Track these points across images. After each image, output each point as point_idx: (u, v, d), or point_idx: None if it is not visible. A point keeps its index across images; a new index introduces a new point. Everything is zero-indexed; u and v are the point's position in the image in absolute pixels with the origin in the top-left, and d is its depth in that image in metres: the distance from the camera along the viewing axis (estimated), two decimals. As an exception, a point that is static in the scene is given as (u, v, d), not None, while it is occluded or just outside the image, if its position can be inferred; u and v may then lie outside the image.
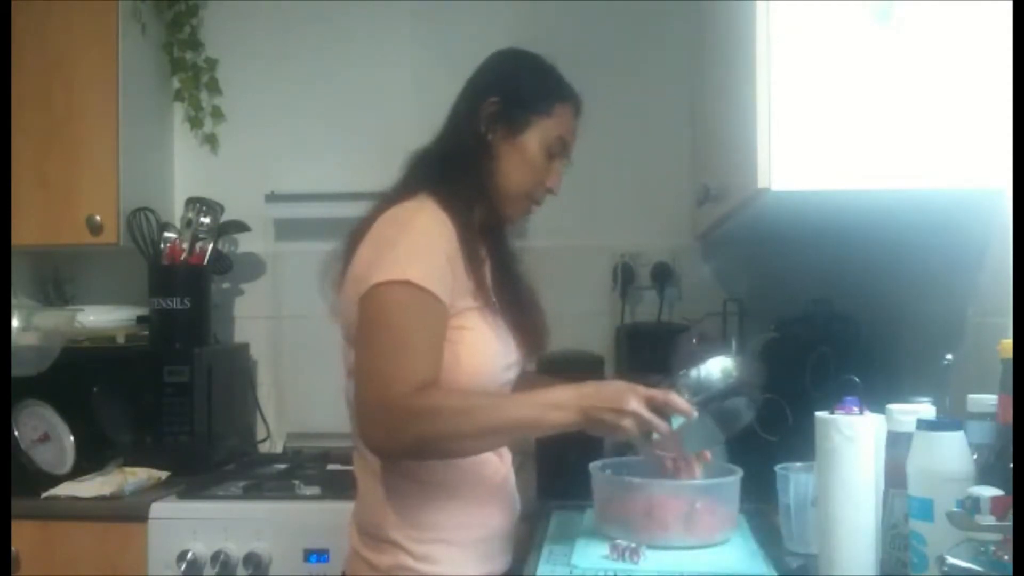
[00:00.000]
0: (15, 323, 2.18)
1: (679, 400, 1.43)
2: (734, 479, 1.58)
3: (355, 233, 1.51)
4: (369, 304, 1.41)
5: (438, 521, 1.48)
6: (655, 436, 1.42)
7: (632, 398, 1.40)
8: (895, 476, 1.25)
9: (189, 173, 2.75)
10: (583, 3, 2.61)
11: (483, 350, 1.49)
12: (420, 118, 1.62)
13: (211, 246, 2.54)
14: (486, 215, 1.58)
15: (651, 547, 1.48)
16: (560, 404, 1.41)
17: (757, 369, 1.53)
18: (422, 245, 1.43)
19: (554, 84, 1.62)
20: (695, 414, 1.44)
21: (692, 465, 1.56)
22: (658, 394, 1.42)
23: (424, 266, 1.41)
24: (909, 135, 1.38)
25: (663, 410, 1.41)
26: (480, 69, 1.64)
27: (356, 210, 1.56)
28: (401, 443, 1.40)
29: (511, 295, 1.59)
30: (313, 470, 2.35)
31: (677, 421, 1.42)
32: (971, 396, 1.20)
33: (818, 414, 1.32)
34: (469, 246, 1.48)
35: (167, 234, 2.53)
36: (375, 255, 1.44)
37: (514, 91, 1.58)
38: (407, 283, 1.39)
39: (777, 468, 1.53)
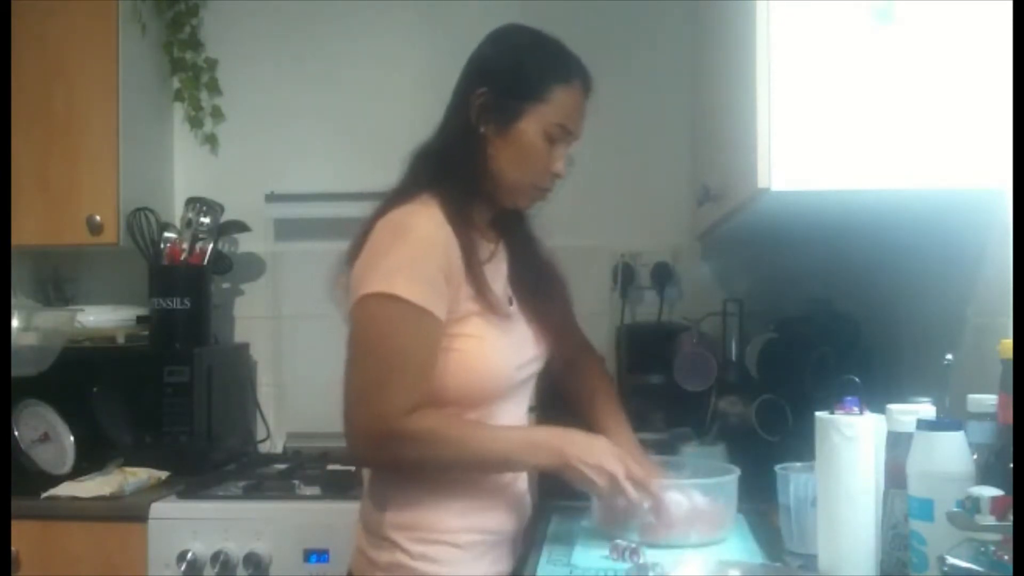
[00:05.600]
0: (15, 323, 2.18)
1: (655, 487, 1.46)
2: (731, 478, 1.59)
3: (358, 237, 1.48)
4: (358, 316, 1.40)
5: (435, 522, 1.48)
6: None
7: (616, 464, 1.43)
8: (895, 476, 1.25)
9: (189, 173, 2.75)
10: (583, 3, 2.61)
11: (488, 356, 1.47)
12: (421, 118, 1.60)
13: (211, 246, 2.54)
14: (494, 208, 1.55)
15: (651, 547, 1.48)
16: (546, 446, 1.44)
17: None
18: (412, 256, 1.40)
19: (548, 66, 1.51)
20: (662, 502, 1.48)
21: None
22: (639, 472, 1.45)
23: (413, 279, 1.38)
24: (909, 135, 1.38)
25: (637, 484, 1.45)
26: (474, 54, 1.56)
27: (356, 210, 1.55)
28: (389, 462, 1.43)
29: (528, 288, 1.57)
30: (313, 470, 2.34)
31: None
32: (971, 396, 1.20)
33: (818, 414, 1.32)
34: (468, 249, 1.46)
35: (167, 234, 2.53)
36: (368, 263, 1.42)
37: (502, 79, 1.50)
38: (394, 297, 1.37)
39: (777, 468, 1.52)
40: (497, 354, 1.49)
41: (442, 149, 1.53)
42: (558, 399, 2.05)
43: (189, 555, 2.01)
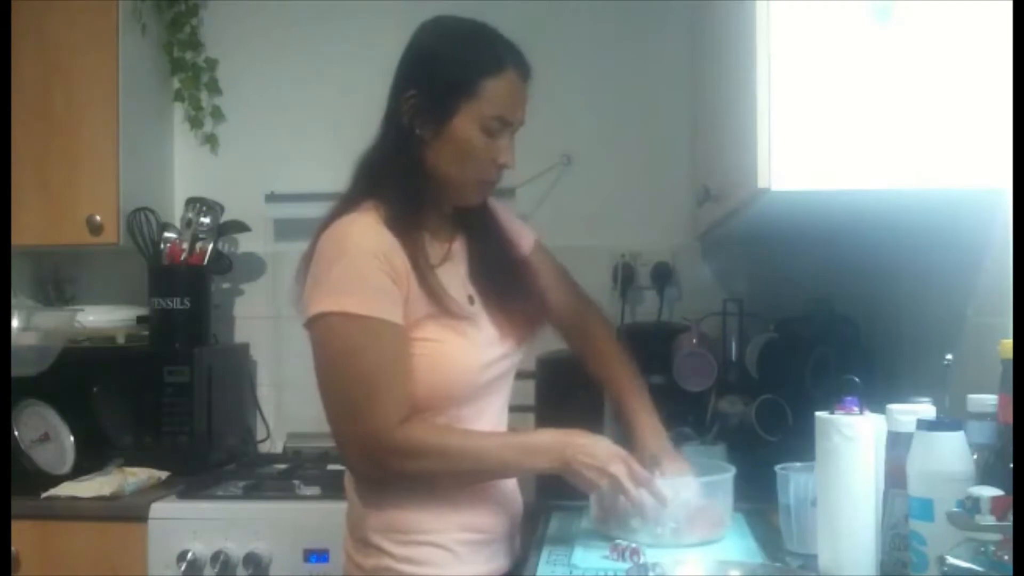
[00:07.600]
0: (15, 323, 2.18)
1: (659, 489, 1.46)
2: (727, 476, 1.60)
3: (307, 249, 1.46)
4: (318, 335, 1.39)
5: (417, 524, 1.46)
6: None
7: (618, 464, 1.43)
8: (895, 476, 1.25)
9: (189, 173, 2.75)
10: (583, 3, 2.61)
11: (449, 359, 1.44)
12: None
13: (211, 246, 2.54)
14: (444, 207, 1.52)
15: (651, 547, 1.48)
16: (545, 449, 1.44)
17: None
18: (356, 267, 1.38)
19: (475, 59, 1.43)
20: (666, 507, 1.48)
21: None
22: (643, 473, 1.45)
23: (362, 292, 1.37)
24: (909, 135, 1.38)
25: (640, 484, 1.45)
26: (403, 53, 1.49)
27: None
28: (386, 474, 1.43)
29: (491, 283, 1.54)
30: (313, 470, 2.34)
31: None
32: (971, 396, 1.20)
33: (818, 414, 1.33)
34: (415, 255, 1.42)
35: (167, 234, 2.53)
36: (314, 280, 1.40)
37: (429, 80, 1.43)
38: (346, 315, 1.35)
39: (777, 468, 1.52)
40: (458, 356, 1.45)
41: (380, 155, 1.49)
42: (558, 399, 2.06)
43: (189, 555, 2.01)
